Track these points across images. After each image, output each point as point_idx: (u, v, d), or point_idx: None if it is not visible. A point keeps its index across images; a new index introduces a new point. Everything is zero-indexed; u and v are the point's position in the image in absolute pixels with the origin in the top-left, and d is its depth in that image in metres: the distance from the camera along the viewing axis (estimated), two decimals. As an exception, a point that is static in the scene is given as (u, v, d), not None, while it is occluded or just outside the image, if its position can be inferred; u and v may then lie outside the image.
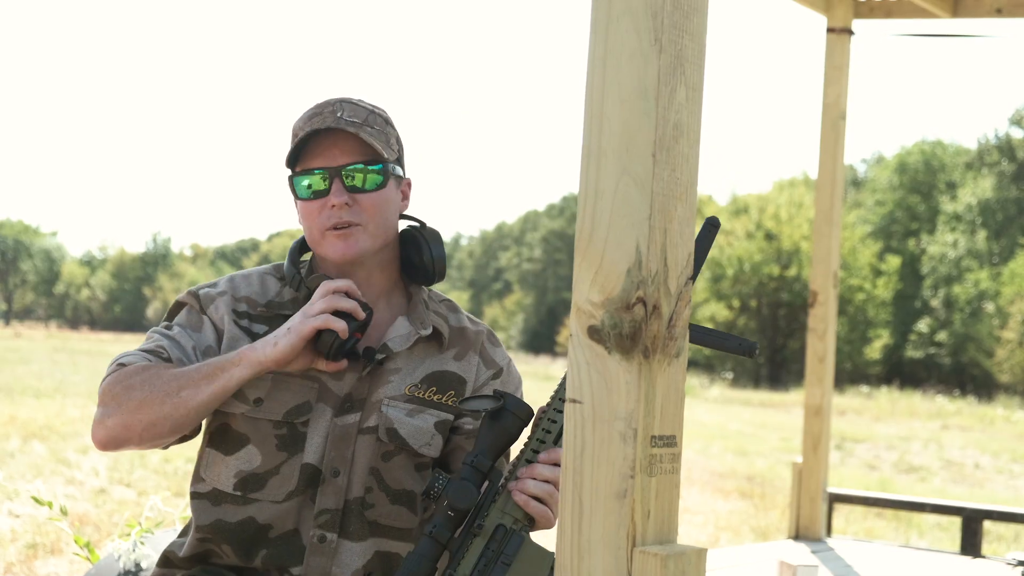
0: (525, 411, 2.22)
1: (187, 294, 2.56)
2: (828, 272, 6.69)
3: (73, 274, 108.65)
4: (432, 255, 2.53)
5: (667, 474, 1.69)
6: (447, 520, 2.15)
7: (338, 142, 2.44)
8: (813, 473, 6.70)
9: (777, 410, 28.21)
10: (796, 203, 49.31)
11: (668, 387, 1.68)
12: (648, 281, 1.64)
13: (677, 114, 1.67)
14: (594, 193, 1.69)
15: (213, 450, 2.48)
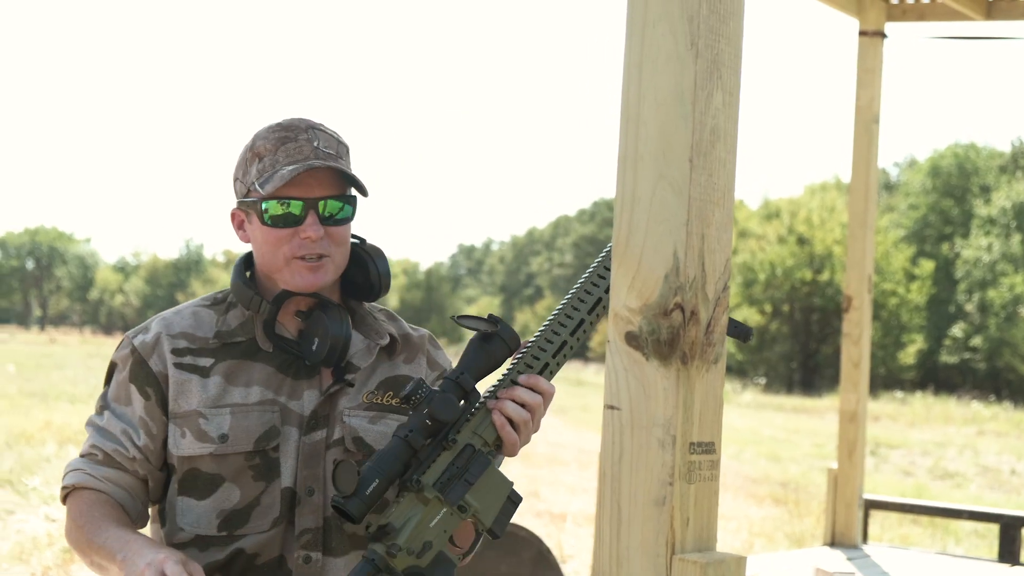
0: (515, 342, 2.24)
1: (122, 350, 2.52)
2: (862, 277, 6.66)
3: (107, 280, 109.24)
4: (379, 271, 2.50)
5: (706, 481, 1.68)
6: (423, 428, 2.17)
7: (316, 173, 2.40)
8: (849, 479, 6.66)
9: (810, 415, 28.06)
10: (828, 207, 49.04)
11: (706, 393, 1.67)
12: (686, 287, 1.63)
13: (714, 119, 1.66)
14: (631, 198, 1.68)
15: (186, 497, 2.43)
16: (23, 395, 19.72)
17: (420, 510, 2.17)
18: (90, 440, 2.47)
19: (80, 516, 2.39)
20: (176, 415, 2.42)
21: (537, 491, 12.60)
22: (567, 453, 16.79)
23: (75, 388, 21.93)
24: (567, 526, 10.55)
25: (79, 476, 2.44)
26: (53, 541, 8.23)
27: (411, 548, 2.16)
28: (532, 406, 2.21)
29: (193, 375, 2.43)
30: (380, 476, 2.15)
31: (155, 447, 2.44)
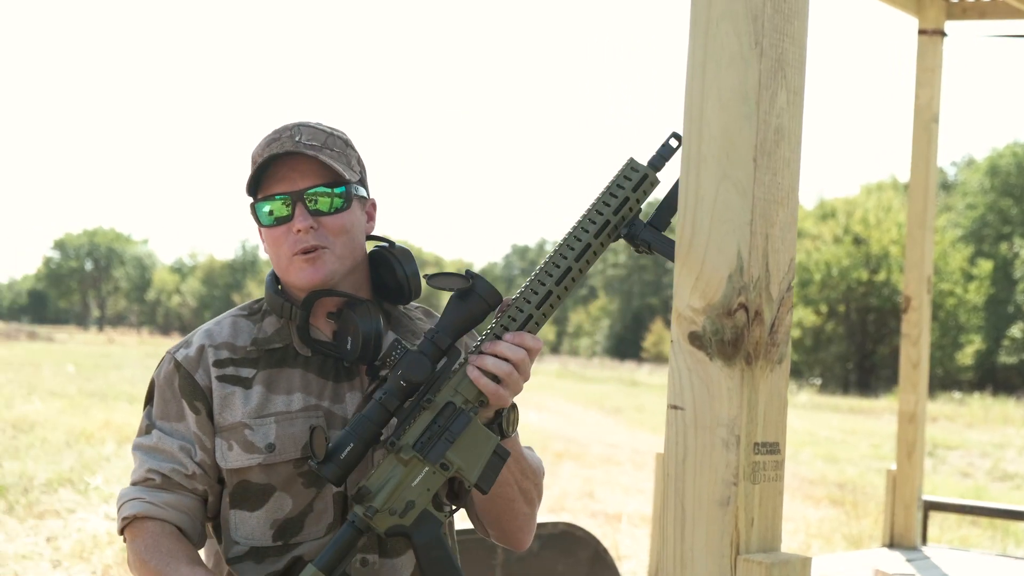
0: (494, 297, 2.21)
1: (165, 366, 2.50)
2: (921, 277, 6.60)
3: (164, 281, 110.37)
4: (406, 273, 2.47)
5: (770, 481, 1.68)
6: (398, 389, 2.18)
7: (298, 166, 2.40)
8: (908, 480, 6.60)
9: (867, 416, 27.84)
10: (884, 207, 48.68)
11: (771, 393, 1.67)
12: (750, 287, 1.63)
13: (778, 118, 1.66)
14: (694, 199, 1.68)
15: (239, 510, 2.43)
16: (83, 395, 19.93)
17: (400, 471, 2.19)
18: (145, 464, 2.44)
19: (146, 551, 2.36)
20: (221, 428, 2.42)
21: (592, 491, 12.59)
22: (622, 453, 16.76)
23: (134, 388, 22.14)
24: (622, 526, 10.53)
25: (139, 506, 2.40)
26: (113, 540, 8.31)
27: (392, 508, 2.19)
28: (514, 360, 2.18)
29: (236, 387, 2.43)
30: (354, 440, 2.17)
31: (211, 461, 2.43)
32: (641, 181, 2.14)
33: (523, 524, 2.51)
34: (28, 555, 7.79)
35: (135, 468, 2.47)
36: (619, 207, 2.14)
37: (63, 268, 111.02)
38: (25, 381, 22.36)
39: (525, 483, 2.45)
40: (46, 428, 14.47)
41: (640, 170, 2.14)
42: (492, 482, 2.24)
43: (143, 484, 2.44)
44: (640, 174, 2.14)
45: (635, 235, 2.13)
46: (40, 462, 11.61)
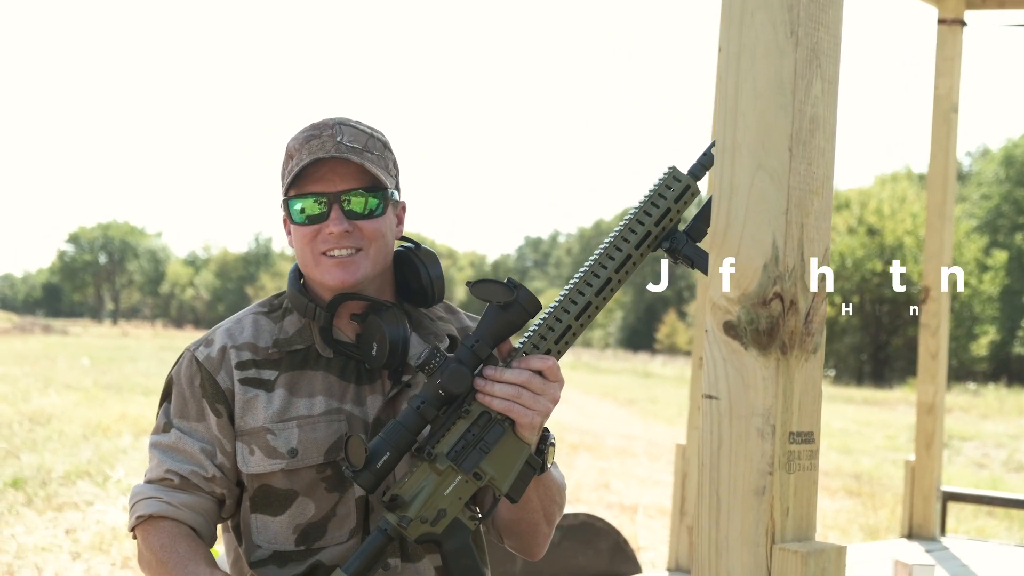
0: (534, 306, 2.18)
1: (185, 364, 2.47)
2: (940, 267, 6.59)
3: (178, 274, 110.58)
4: (430, 276, 2.45)
5: (805, 471, 1.68)
6: (436, 399, 2.16)
7: (337, 167, 2.37)
8: (926, 471, 6.60)
9: (881, 408, 27.80)
10: (899, 197, 48.55)
11: (806, 383, 1.67)
12: (785, 276, 1.63)
13: (813, 107, 1.65)
14: (729, 188, 1.68)
15: (261, 514, 2.41)
16: (98, 387, 19.99)
17: (433, 480, 2.18)
18: (163, 463, 2.41)
19: (163, 550, 2.33)
20: (243, 432, 2.39)
21: (608, 483, 12.60)
22: (637, 445, 16.77)
23: (148, 381, 22.20)
24: (638, 517, 10.53)
25: (155, 505, 2.37)
26: (132, 531, 8.35)
27: (424, 517, 2.18)
28: (520, 382, 2.15)
29: (258, 390, 2.40)
30: (391, 449, 2.15)
31: (231, 464, 2.41)
32: (683, 192, 2.13)
33: (541, 541, 2.50)
34: (48, 547, 7.82)
35: (152, 466, 2.44)
36: (660, 218, 2.13)
37: (77, 262, 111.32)
38: (41, 374, 22.44)
39: (551, 507, 2.45)
40: (63, 421, 14.52)
41: (683, 180, 2.13)
42: (522, 491, 2.23)
43: (160, 483, 2.41)
44: (683, 184, 2.13)
45: (676, 249, 2.13)
46: (58, 455, 11.65)
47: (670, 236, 2.14)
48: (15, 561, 7.35)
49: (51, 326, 61.57)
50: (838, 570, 1.64)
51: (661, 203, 2.13)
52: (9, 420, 14.23)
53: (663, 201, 2.13)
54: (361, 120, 2.46)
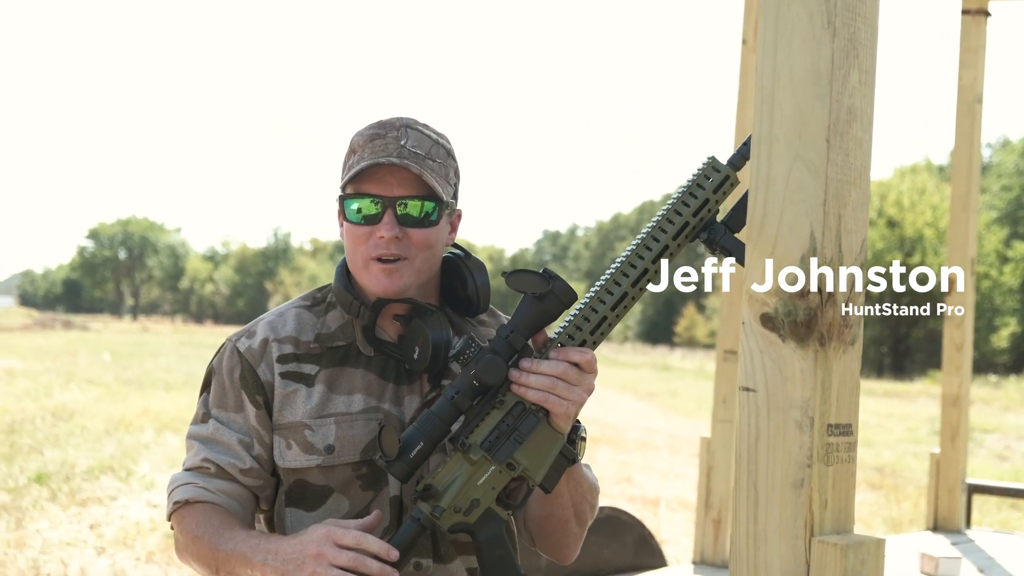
0: (569, 296, 2.16)
1: (226, 355, 2.46)
2: (965, 259, 6.56)
3: (197, 269, 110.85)
4: (477, 285, 2.44)
5: (843, 463, 1.67)
6: (470, 389, 2.15)
7: (397, 171, 2.35)
8: (951, 464, 6.58)
9: (902, 400, 27.72)
10: (919, 189, 48.39)
11: (844, 375, 1.66)
12: (823, 268, 1.62)
13: (851, 98, 1.64)
14: (766, 179, 1.67)
15: (295, 509, 2.41)
16: (119, 383, 20.06)
17: (466, 470, 2.18)
18: (200, 453, 2.41)
19: (197, 527, 2.33)
20: (280, 426, 2.39)
21: (630, 476, 12.59)
22: (658, 438, 16.75)
23: (169, 376, 22.28)
24: (660, 511, 10.53)
25: (191, 490, 2.38)
26: (156, 526, 8.37)
27: (457, 506, 2.18)
28: (556, 374, 2.14)
29: (299, 384, 2.40)
30: (424, 439, 2.15)
31: (267, 456, 2.40)
32: (722, 182, 2.10)
33: (572, 543, 2.48)
34: (72, 542, 7.86)
35: (190, 455, 2.44)
36: (699, 208, 2.10)
37: (97, 257, 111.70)
38: (63, 370, 22.53)
39: (582, 505, 2.43)
40: (85, 416, 14.58)
41: (722, 171, 2.09)
42: (556, 482, 2.22)
43: (197, 471, 2.41)
44: (722, 175, 2.09)
45: (715, 240, 2.09)
46: (80, 450, 11.70)
47: (708, 227, 2.11)
48: (40, 556, 7.38)
49: (71, 322, 61.80)
50: (877, 562, 1.64)
51: (699, 193, 2.10)
52: (32, 415, 14.30)
53: (701, 191, 2.10)
54: (429, 124, 2.45)
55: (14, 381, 19.32)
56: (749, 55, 5.60)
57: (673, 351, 57.08)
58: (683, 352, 55.61)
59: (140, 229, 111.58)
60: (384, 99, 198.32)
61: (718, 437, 5.61)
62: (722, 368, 5.64)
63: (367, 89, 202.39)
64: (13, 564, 7.13)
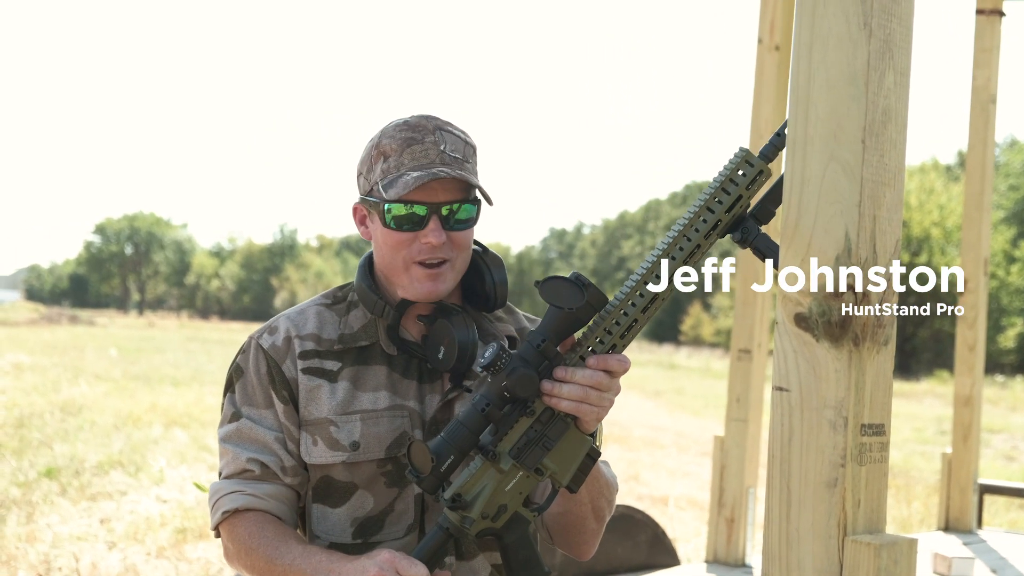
0: (601, 302, 2.13)
1: (251, 352, 2.47)
2: (978, 258, 6.56)
3: (203, 265, 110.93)
4: (494, 281, 2.44)
5: (876, 463, 1.68)
6: (501, 400, 2.13)
7: (442, 179, 2.34)
8: (963, 464, 6.58)
9: (908, 400, 27.69)
10: (927, 189, 48.33)
11: (878, 375, 1.67)
12: (858, 269, 1.63)
13: (886, 99, 1.65)
14: (800, 180, 1.68)
15: (321, 505, 2.42)
16: (127, 378, 20.09)
17: (495, 478, 2.17)
18: (241, 455, 2.40)
19: (251, 538, 2.33)
20: (307, 422, 2.39)
21: (638, 474, 12.60)
22: (665, 437, 16.76)
23: (177, 372, 22.31)
24: (669, 509, 10.53)
25: (240, 498, 2.37)
26: (166, 521, 8.39)
27: (485, 514, 2.17)
28: (594, 384, 2.13)
29: (322, 380, 2.40)
30: (455, 452, 2.13)
31: (298, 452, 2.41)
32: (757, 176, 2.04)
33: (589, 539, 2.48)
34: (83, 536, 7.87)
35: (227, 460, 2.43)
36: (732, 205, 2.05)
37: (104, 252, 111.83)
38: (70, 364, 22.57)
39: (600, 501, 2.42)
40: (94, 411, 14.61)
41: (755, 164, 2.04)
42: (582, 482, 2.22)
43: (241, 476, 2.40)
44: (756, 169, 2.04)
45: (748, 239, 2.04)
46: (90, 445, 11.72)
47: (740, 223, 2.06)
48: (51, 550, 7.40)
49: (78, 316, 61.88)
50: (910, 562, 1.64)
51: (732, 189, 2.05)
52: (41, 410, 14.33)
53: (734, 187, 2.05)
54: (452, 122, 2.44)
55: (22, 375, 19.36)
56: (765, 54, 5.60)
57: (679, 349, 57.11)
58: (689, 351, 55.63)
59: (146, 224, 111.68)
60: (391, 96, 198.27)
61: (731, 436, 5.62)
62: (736, 367, 5.64)
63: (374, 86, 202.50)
64: (24, 558, 7.14)
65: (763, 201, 2.05)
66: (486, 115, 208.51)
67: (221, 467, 2.46)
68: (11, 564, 6.97)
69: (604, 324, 2.14)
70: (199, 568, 7.14)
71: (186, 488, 9.62)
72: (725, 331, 55.99)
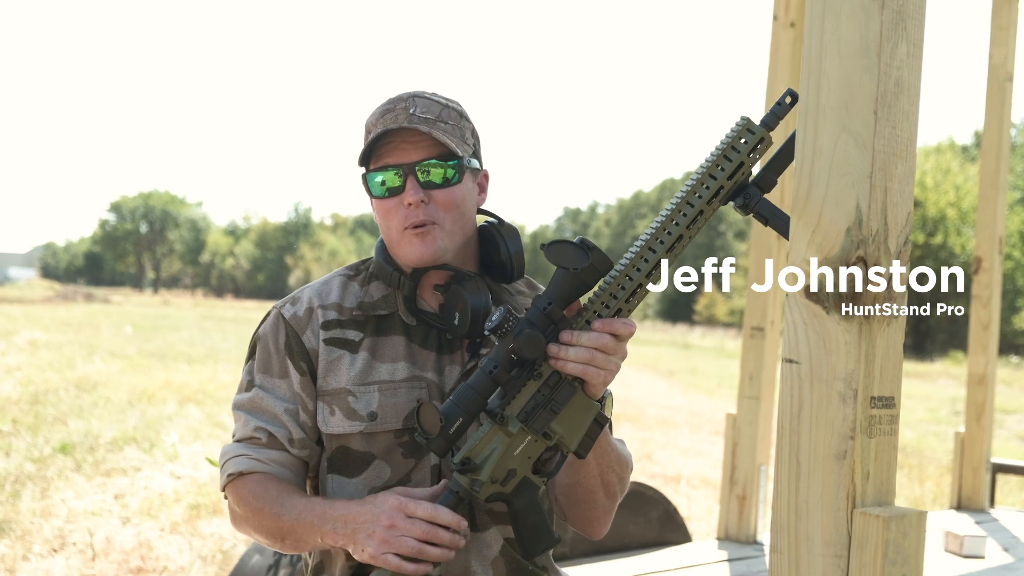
0: (605, 265, 2.14)
1: (272, 322, 2.49)
2: (993, 238, 6.54)
3: (218, 243, 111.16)
4: (510, 251, 2.44)
5: (886, 435, 1.67)
6: (508, 362, 2.14)
7: (410, 138, 2.37)
8: (976, 443, 6.57)
9: (922, 380, 27.66)
10: (943, 169, 48.17)
11: (887, 347, 1.66)
12: (868, 240, 1.62)
13: (898, 70, 1.64)
14: (811, 152, 1.67)
15: (337, 475, 2.43)
16: (142, 355, 20.14)
17: (503, 442, 2.18)
18: (250, 423, 2.43)
19: (256, 499, 2.35)
20: (324, 392, 2.41)
21: (651, 453, 12.59)
22: (679, 416, 16.75)
23: (191, 349, 22.35)
24: (682, 488, 10.53)
25: (244, 462, 2.40)
26: (180, 497, 8.41)
27: (494, 478, 2.18)
28: (600, 347, 2.13)
29: (343, 351, 2.42)
30: (463, 414, 2.14)
31: (312, 423, 2.42)
32: (758, 143, 2.04)
33: (600, 515, 2.47)
34: (98, 512, 7.90)
35: (239, 426, 2.46)
36: (733, 172, 2.05)
37: (119, 230, 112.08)
38: (85, 342, 22.64)
39: (609, 475, 2.41)
40: (108, 388, 14.64)
41: (757, 132, 2.03)
42: (590, 448, 2.22)
43: (248, 441, 2.43)
44: (757, 136, 2.03)
45: (750, 205, 2.04)
46: (104, 421, 11.76)
47: (742, 190, 2.06)
48: (66, 525, 7.43)
49: (93, 294, 62.10)
50: (919, 535, 1.64)
51: (734, 156, 2.04)
52: (56, 386, 14.37)
53: (736, 154, 2.04)
54: (437, 92, 2.46)
55: (37, 352, 19.42)
56: (780, 31, 5.58)
57: (693, 329, 57.08)
58: (703, 330, 55.60)
59: (161, 203, 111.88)
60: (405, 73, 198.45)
61: (744, 413, 5.61)
62: (749, 345, 5.64)
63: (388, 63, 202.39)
64: (39, 533, 7.18)
65: (765, 169, 2.04)
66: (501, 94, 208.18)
67: (234, 431, 2.49)
68: (26, 539, 7.01)
69: (609, 288, 2.14)
70: (212, 543, 7.17)
71: (200, 464, 9.65)
72: (739, 311, 55.92)
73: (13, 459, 9.44)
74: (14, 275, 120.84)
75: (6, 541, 6.94)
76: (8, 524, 7.31)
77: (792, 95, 1.99)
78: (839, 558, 1.62)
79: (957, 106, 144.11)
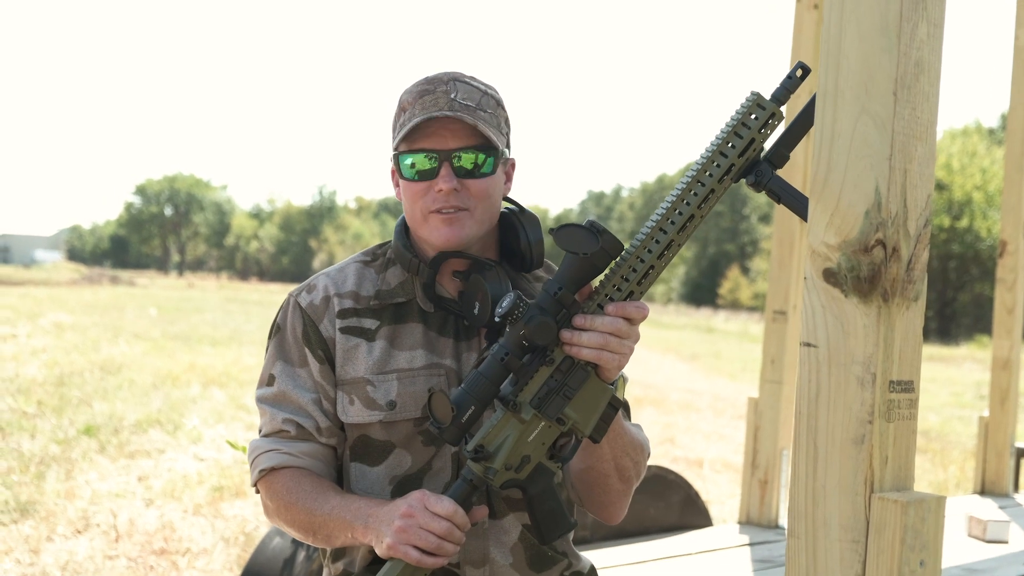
0: (616, 249, 2.11)
1: (289, 311, 2.49)
2: (1018, 221, 6.49)
3: (242, 226, 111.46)
4: (530, 240, 2.44)
5: (904, 420, 1.66)
6: (520, 349, 2.13)
7: (449, 124, 2.35)
8: (1000, 427, 6.53)
9: (947, 364, 27.54)
10: (969, 152, 47.92)
11: (907, 331, 1.65)
12: (888, 223, 1.60)
13: (919, 51, 1.62)
14: (830, 134, 1.65)
15: (359, 464, 2.43)
16: (166, 338, 20.20)
17: (517, 428, 2.17)
18: (277, 416, 2.43)
19: (289, 493, 2.37)
20: (343, 381, 2.41)
21: (673, 437, 12.58)
22: (701, 400, 16.73)
23: (216, 332, 22.41)
24: (704, 472, 10.52)
25: (276, 457, 2.41)
26: (203, 480, 8.44)
27: (508, 465, 2.18)
28: (614, 331, 2.11)
29: (360, 339, 2.41)
30: (476, 402, 2.13)
31: (334, 411, 2.42)
32: (769, 119, 1.99)
33: (615, 500, 2.46)
34: (121, 493, 7.94)
35: (265, 420, 2.46)
36: (744, 148, 2.00)
37: (144, 214, 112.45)
38: (110, 324, 22.72)
39: (623, 460, 2.40)
40: (132, 370, 14.69)
41: (767, 107, 1.99)
42: (605, 432, 2.21)
43: (278, 435, 2.43)
44: (767, 112, 1.98)
45: (762, 182, 1.99)
46: (128, 403, 11.80)
47: (754, 167, 2.01)
48: (90, 507, 7.47)
49: (118, 277, 62.35)
50: (937, 520, 1.63)
51: (745, 133, 2.00)
52: (80, 369, 14.43)
53: (746, 131, 2.00)
54: (476, 76, 2.44)
55: (63, 335, 19.50)
56: (803, 13, 5.54)
57: (717, 313, 56.99)
58: (727, 314, 55.51)
59: (186, 186, 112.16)
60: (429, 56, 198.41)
61: (766, 398, 5.59)
62: (771, 328, 5.61)
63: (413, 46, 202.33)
64: (64, 514, 7.22)
65: (777, 145, 2.00)
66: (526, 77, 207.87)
67: (261, 425, 2.49)
68: (50, 520, 7.04)
69: (621, 271, 2.12)
70: (235, 525, 7.20)
71: (223, 447, 9.68)
72: (763, 295, 55.78)
73: (38, 441, 9.48)
74: (40, 258, 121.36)
75: (31, 522, 6.98)
76: (33, 505, 7.34)
77: (803, 68, 1.95)
78: (857, 543, 1.61)
79: (984, 88, 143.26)
